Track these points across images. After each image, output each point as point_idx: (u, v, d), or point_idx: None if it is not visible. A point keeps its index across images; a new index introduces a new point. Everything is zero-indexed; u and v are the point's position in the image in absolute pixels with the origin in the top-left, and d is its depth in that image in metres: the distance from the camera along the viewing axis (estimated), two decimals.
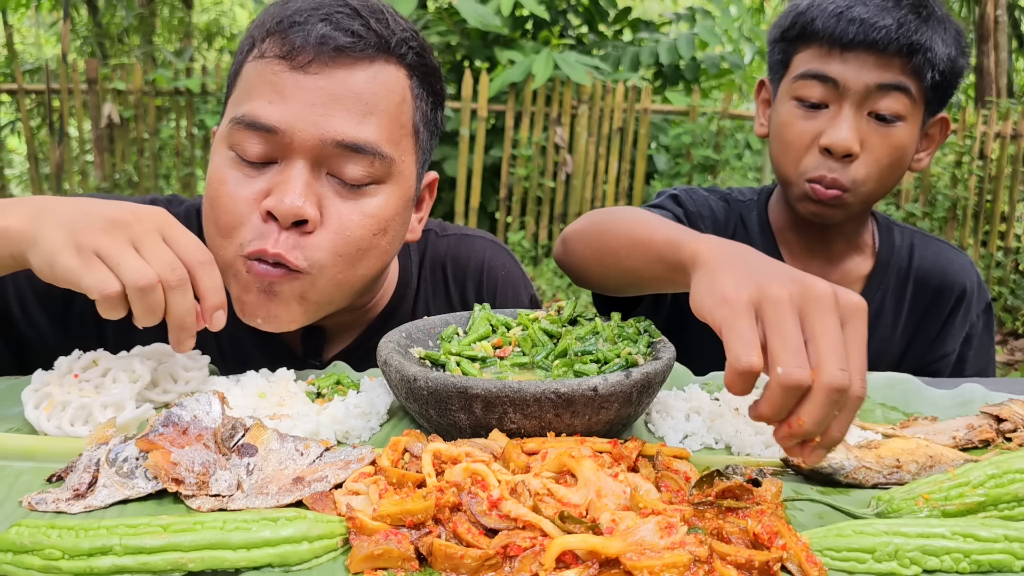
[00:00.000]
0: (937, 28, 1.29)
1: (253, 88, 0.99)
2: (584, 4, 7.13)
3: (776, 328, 0.72)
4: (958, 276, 1.51)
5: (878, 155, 1.32)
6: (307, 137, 0.96)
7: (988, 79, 7.34)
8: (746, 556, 0.62)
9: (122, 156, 6.72)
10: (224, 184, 0.99)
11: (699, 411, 0.96)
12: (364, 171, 0.99)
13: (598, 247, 1.19)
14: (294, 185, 0.95)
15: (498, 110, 6.38)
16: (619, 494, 0.69)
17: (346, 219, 0.99)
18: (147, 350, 0.97)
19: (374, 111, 0.99)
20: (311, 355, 1.19)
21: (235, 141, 0.99)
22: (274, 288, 0.98)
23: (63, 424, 0.85)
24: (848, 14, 1.28)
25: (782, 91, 1.39)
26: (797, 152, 1.35)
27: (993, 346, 1.57)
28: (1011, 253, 6.26)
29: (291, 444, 0.80)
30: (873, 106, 1.30)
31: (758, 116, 1.51)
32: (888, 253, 1.50)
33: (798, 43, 1.36)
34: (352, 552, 0.64)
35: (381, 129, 1.00)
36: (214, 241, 1.01)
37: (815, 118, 1.33)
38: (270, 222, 0.97)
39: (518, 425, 0.82)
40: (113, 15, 9.54)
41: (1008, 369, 4.98)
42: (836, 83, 1.30)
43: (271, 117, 0.96)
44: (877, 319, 1.49)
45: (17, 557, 0.61)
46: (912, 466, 0.82)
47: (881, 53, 1.27)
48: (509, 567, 0.63)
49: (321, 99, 0.96)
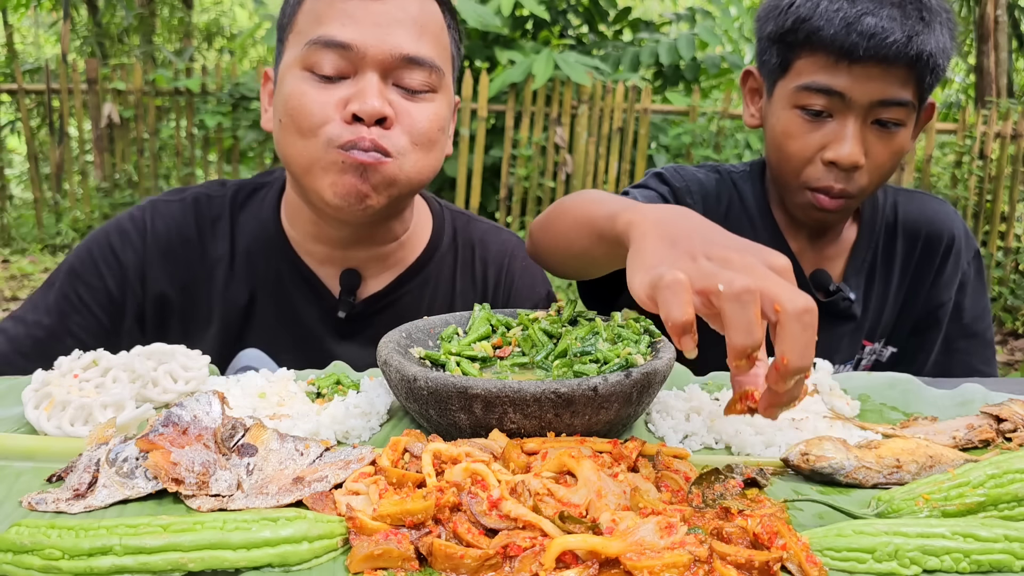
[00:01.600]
0: (936, 25, 1.27)
1: (323, 15, 1.14)
2: (584, 4, 7.13)
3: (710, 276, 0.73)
4: (944, 225, 1.52)
5: (881, 161, 1.32)
6: (377, 52, 1.13)
7: (988, 79, 7.34)
8: (746, 556, 0.62)
9: (122, 156, 6.72)
10: (305, 95, 1.13)
11: (699, 411, 0.96)
12: (423, 80, 1.16)
13: (554, 233, 1.19)
14: (372, 91, 1.12)
15: (498, 110, 6.38)
16: (619, 494, 0.69)
17: (415, 116, 1.16)
18: (147, 350, 0.97)
19: (426, 32, 1.17)
20: (347, 293, 1.29)
21: (312, 61, 1.14)
22: (368, 172, 1.13)
23: (63, 424, 0.85)
24: (858, 26, 1.23)
25: (781, 95, 1.36)
26: (799, 163, 1.34)
27: (987, 294, 1.58)
28: (1011, 253, 6.26)
29: (291, 444, 0.80)
30: (876, 116, 1.29)
31: (747, 106, 1.49)
32: (873, 213, 1.51)
33: (800, 49, 1.31)
34: (352, 552, 0.64)
35: (433, 48, 1.18)
36: (295, 145, 1.15)
37: (819, 128, 1.31)
38: (355, 123, 1.12)
39: (518, 425, 0.82)
40: (113, 15, 9.54)
41: (1008, 369, 4.98)
42: (842, 96, 1.27)
43: (346, 36, 1.12)
44: (872, 275, 1.51)
45: (17, 557, 0.61)
46: (912, 466, 0.82)
47: (889, 65, 1.25)
48: (509, 567, 0.63)
49: (386, 20, 1.13)
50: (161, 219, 1.30)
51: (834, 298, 1.44)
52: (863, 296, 1.50)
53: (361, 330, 1.31)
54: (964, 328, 1.55)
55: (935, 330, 1.53)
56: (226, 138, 6.68)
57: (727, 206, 1.51)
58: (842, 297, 1.44)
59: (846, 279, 1.49)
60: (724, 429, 0.91)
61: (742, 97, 1.50)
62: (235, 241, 1.30)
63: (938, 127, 6.34)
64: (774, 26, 1.35)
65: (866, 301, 1.51)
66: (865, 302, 1.51)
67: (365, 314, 1.31)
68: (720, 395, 1.02)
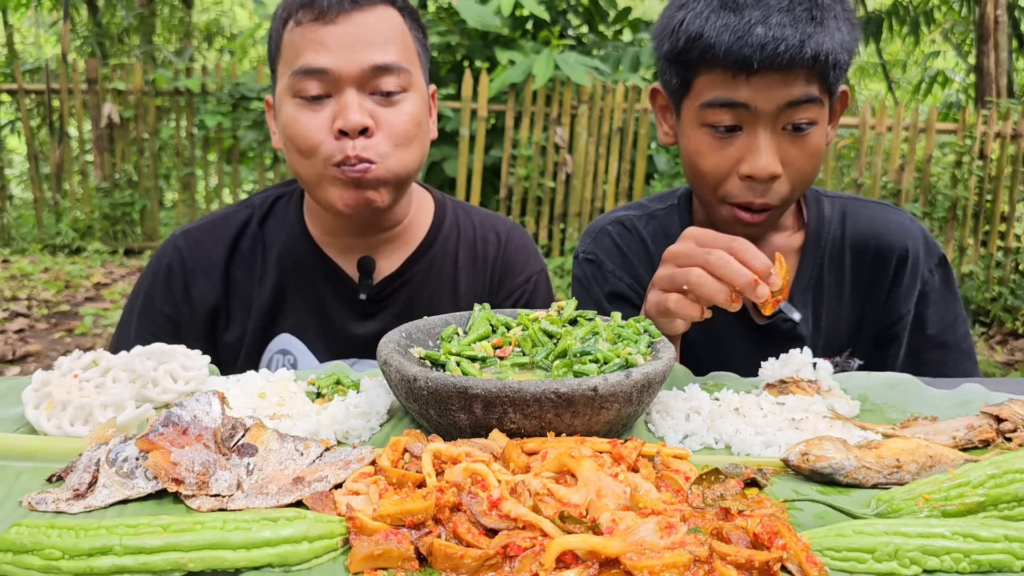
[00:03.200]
0: (831, 22, 1.24)
1: (299, 47, 1.30)
2: (584, 4, 7.13)
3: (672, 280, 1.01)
4: (896, 237, 1.45)
5: (799, 165, 1.28)
6: (350, 71, 1.28)
7: (988, 79, 7.33)
8: (746, 556, 0.62)
9: (122, 156, 6.72)
10: (298, 121, 1.31)
11: (699, 411, 0.96)
12: (395, 83, 1.31)
13: None
14: (352, 107, 1.28)
15: (498, 110, 6.38)
16: (619, 494, 0.69)
17: (393, 120, 1.32)
18: (147, 350, 0.98)
19: (389, 40, 1.32)
20: (365, 276, 1.45)
21: (298, 89, 1.30)
22: (362, 180, 1.30)
23: (63, 424, 0.85)
24: (748, 38, 1.20)
25: (688, 115, 1.33)
26: (715, 179, 1.31)
27: (958, 301, 1.50)
28: (1011, 253, 6.26)
29: (291, 444, 0.80)
30: (787, 120, 1.26)
31: (660, 124, 1.45)
32: (818, 225, 1.46)
33: (698, 67, 1.28)
34: (352, 552, 0.64)
35: (398, 52, 1.32)
36: (301, 163, 1.33)
37: (730, 143, 1.28)
38: (342, 139, 1.28)
39: (518, 425, 0.82)
40: (113, 15, 9.54)
41: (1008, 369, 4.98)
42: (747, 106, 1.24)
43: (321, 62, 1.28)
44: (820, 291, 1.46)
45: (17, 557, 0.61)
46: (912, 466, 0.82)
47: (787, 71, 1.22)
48: (509, 567, 0.63)
49: (352, 40, 1.29)
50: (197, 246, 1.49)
51: (774, 320, 1.40)
52: (813, 314, 1.45)
53: (379, 310, 1.48)
54: (932, 339, 1.47)
55: (895, 344, 1.47)
56: (226, 138, 6.68)
57: (646, 247, 1.51)
58: (783, 319, 1.39)
59: (792, 297, 1.44)
60: (724, 429, 0.91)
61: (653, 115, 1.47)
62: (265, 246, 1.49)
63: (938, 127, 6.34)
64: (668, 46, 1.32)
65: (816, 319, 1.46)
66: (816, 320, 1.46)
67: (382, 294, 1.48)
68: (720, 395, 1.02)
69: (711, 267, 1.05)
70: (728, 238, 1.07)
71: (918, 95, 10.40)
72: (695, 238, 1.10)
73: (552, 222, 6.57)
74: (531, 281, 1.57)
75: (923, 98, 10.27)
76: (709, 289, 1.05)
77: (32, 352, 4.54)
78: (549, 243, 6.58)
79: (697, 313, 1.08)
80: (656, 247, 1.50)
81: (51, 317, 5.23)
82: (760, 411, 0.96)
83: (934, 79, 10.11)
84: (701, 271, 1.06)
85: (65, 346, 4.70)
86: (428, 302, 1.49)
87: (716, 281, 1.04)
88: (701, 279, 1.05)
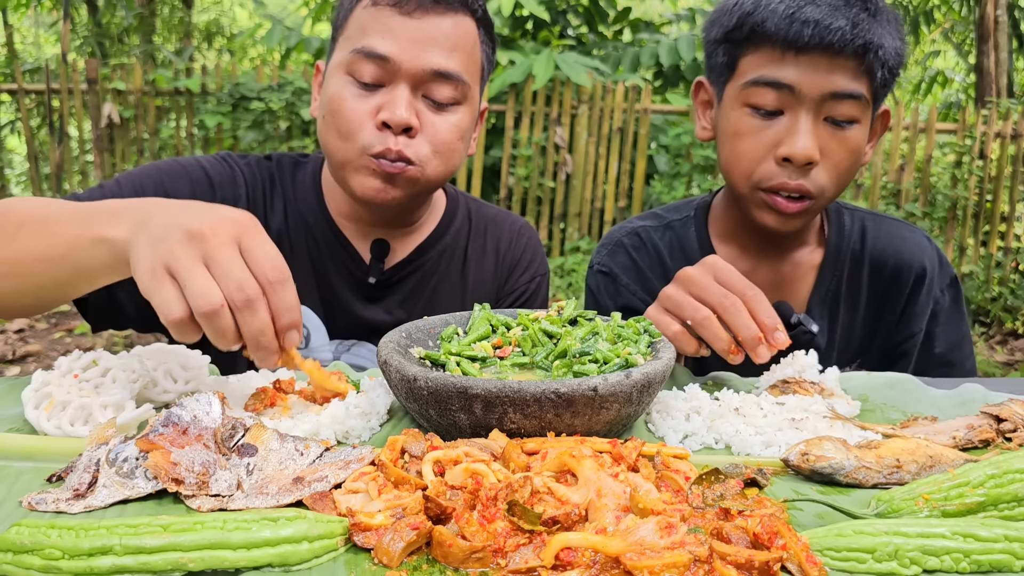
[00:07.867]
0: (884, 23, 1.25)
1: (368, 27, 1.27)
2: (584, 4, 7.13)
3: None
4: (914, 256, 1.47)
5: (836, 160, 1.28)
6: (411, 66, 1.25)
7: (988, 79, 7.33)
8: (746, 556, 0.62)
9: (122, 156, 6.72)
10: (344, 100, 1.27)
11: (699, 411, 0.96)
12: (450, 93, 1.29)
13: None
14: (401, 102, 1.25)
15: (498, 110, 6.38)
16: (619, 494, 0.69)
17: (439, 127, 1.29)
18: (147, 350, 0.97)
19: (458, 48, 1.29)
20: (378, 259, 1.44)
21: (354, 67, 1.27)
22: (396, 177, 1.27)
23: (63, 424, 0.85)
24: (800, 15, 1.22)
25: (730, 96, 1.33)
26: (752, 162, 1.30)
27: (965, 321, 1.53)
28: (1011, 253, 6.26)
29: (291, 444, 0.80)
30: (829, 112, 1.26)
31: (699, 119, 1.45)
32: (839, 239, 1.47)
33: (746, 45, 1.29)
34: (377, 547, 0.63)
35: (462, 63, 1.29)
36: (335, 143, 1.29)
37: (770, 127, 1.28)
38: (384, 131, 1.25)
39: (518, 425, 0.82)
40: (113, 15, 9.54)
41: (1008, 369, 4.98)
42: (792, 89, 1.25)
43: (385, 48, 1.25)
44: (836, 304, 1.46)
45: (17, 557, 0.61)
46: (912, 466, 0.82)
47: (836, 55, 1.22)
48: (504, 560, 0.63)
49: (422, 37, 1.26)
50: (248, 168, 1.44)
51: (795, 331, 1.39)
52: (828, 326, 1.46)
53: (387, 295, 1.46)
54: (938, 357, 1.49)
55: (903, 360, 1.48)
56: (226, 138, 6.68)
57: (661, 260, 1.51)
58: (803, 331, 1.39)
59: (810, 308, 1.45)
60: (724, 429, 0.91)
61: (694, 111, 1.47)
62: (287, 206, 1.44)
63: (938, 127, 6.34)
64: (720, 28, 1.33)
65: (831, 332, 1.47)
66: (831, 332, 1.47)
67: (391, 280, 1.46)
68: (720, 395, 1.02)
69: (722, 310, 1.04)
70: (745, 284, 1.06)
71: (918, 95, 10.40)
72: (716, 271, 1.08)
73: (552, 222, 6.57)
74: (535, 281, 1.58)
75: (923, 98, 10.27)
76: (713, 334, 1.04)
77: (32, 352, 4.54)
78: (549, 243, 6.58)
79: (692, 350, 1.07)
80: (672, 259, 1.51)
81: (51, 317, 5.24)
82: (760, 411, 0.96)
83: (934, 79, 10.10)
84: (710, 314, 1.04)
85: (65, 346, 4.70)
86: (435, 292, 1.48)
87: (722, 329, 1.04)
88: (708, 322, 1.04)
